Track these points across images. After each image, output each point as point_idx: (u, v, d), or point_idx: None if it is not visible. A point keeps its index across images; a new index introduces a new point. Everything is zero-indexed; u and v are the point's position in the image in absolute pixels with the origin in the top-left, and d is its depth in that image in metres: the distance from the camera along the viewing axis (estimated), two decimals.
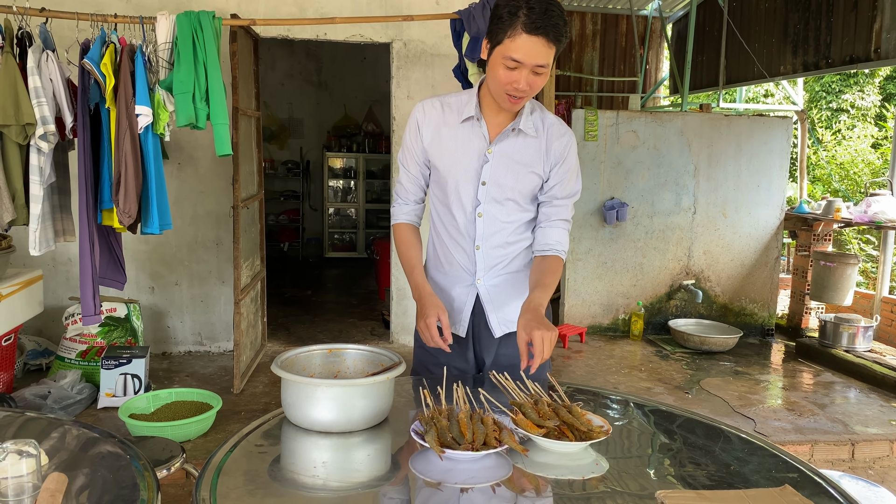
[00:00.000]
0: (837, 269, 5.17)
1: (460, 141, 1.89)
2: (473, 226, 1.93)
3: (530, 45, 1.65)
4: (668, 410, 1.81)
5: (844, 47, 5.53)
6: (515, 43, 1.66)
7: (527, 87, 1.72)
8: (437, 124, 1.91)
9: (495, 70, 1.74)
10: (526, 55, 1.66)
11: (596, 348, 5.22)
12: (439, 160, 1.92)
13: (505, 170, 1.88)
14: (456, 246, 1.97)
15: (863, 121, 10.64)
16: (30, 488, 1.21)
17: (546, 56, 1.67)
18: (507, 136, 1.87)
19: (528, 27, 1.64)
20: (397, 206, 2.04)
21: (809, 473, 1.42)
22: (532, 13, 1.63)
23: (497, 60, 1.72)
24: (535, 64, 1.68)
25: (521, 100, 1.77)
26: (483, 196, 1.90)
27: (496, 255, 1.96)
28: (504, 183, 1.89)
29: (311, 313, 5.97)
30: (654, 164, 5.44)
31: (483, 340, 2.02)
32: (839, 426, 3.80)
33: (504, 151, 1.88)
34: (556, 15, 1.65)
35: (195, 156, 4.62)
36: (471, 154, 1.88)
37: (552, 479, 1.38)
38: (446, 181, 1.92)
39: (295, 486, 1.38)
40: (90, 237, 3.28)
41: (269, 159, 8.54)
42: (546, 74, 1.73)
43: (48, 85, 3.16)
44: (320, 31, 4.58)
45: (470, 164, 1.89)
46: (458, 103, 1.91)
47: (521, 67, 1.69)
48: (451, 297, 2.01)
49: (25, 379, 4.03)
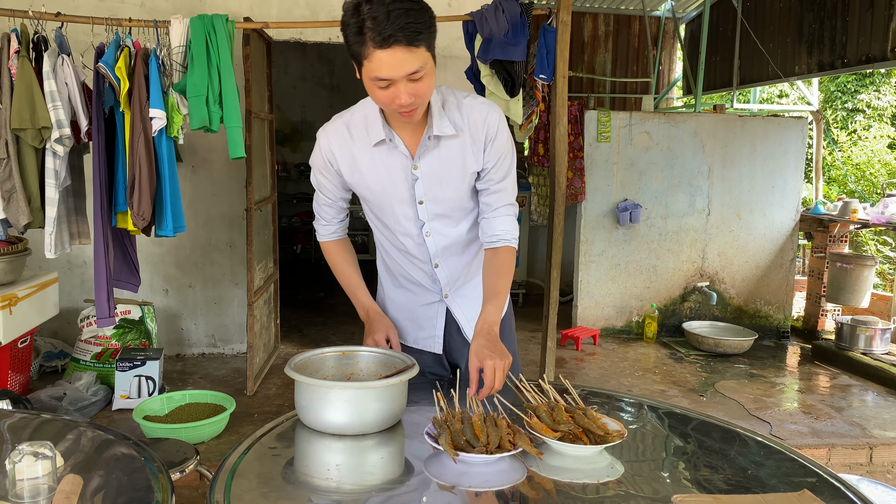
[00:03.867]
0: (854, 271, 5.11)
1: (380, 165, 1.71)
2: (425, 247, 1.80)
3: (389, 59, 1.45)
4: (682, 413, 1.79)
5: (860, 47, 5.47)
6: (373, 62, 1.46)
7: (412, 99, 1.52)
8: (350, 152, 1.72)
9: (372, 92, 1.55)
10: (390, 70, 1.47)
11: (609, 351, 5.19)
12: (365, 189, 1.75)
13: (438, 182, 1.72)
14: (413, 266, 1.86)
15: (879, 121, 10.53)
16: (45, 490, 1.21)
17: (412, 62, 1.46)
18: (426, 147, 1.68)
19: (376, 41, 1.43)
20: (321, 225, 1.90)
21: (828, 478, 1.40)
22: (376, 23, 1.42)
23: (368, 83, 1.53)
24: (405, 74, 1.48)
25: (414, 111, 1.57)
26: (424, 215, 1.76)
27: (457, 268, 1.86)
28: (442, 195, 1.74)
29: (323, 315, 5.99)
30: (668, 165, 5.41)
31: (455, 350, 1.95)
32: (857, 430, 3.75)
33: (430, 164, 1.70)
34: (404, 11, 1.42)
35: (209, 159, 4.64)
36: (396, 176, 1.71)
37: (567, 483, 1.37)
38: (381, 208, 1.78)
39: (308, 488, 1.38)
40: (105, 240, 3.31)
41: (281, 162, 8.57)
42: (429, 75, 1.52)
43: (63, 89, 3.19)
44: (333, 34, 4.59)
45: (400, 187, 1.72)
46: (363, 122, 1.70)
47: (394, 83, 1.49)
48: (417, 316, 1.92)
49: (41, 381, 4.06)
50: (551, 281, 3.83)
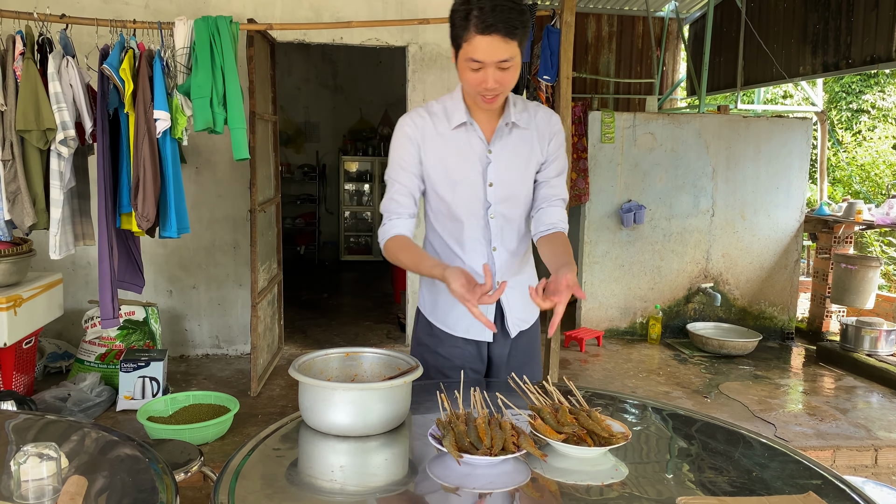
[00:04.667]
0: (859, 272, 5.10)
1: (458, 147, 1.88)
2: (488, 228, 1.92)
3: (486, 44, 1.67)
4: (686, 415, 1.79)
5: (865, 47, 5.46)
6: (472, 45, 1.68)
7: (496, 85, 1.73)
8: (430, 135, 1.89)
9: (463, 74, 1.77)
10: (484, 54, 1.68)
11: (613, 352, 5.18)
12: (441, 170, 1.89)
13: (508, 166, 1.90)
14: (470, 251, 1.93)
15: (884, 121, 10.49)
16: (50, 491, 1.21)
17: (505, 51, 1.68)
18: (502, 132, 1.89)
19: (479, 27, 1.66)
20: (389, 223, 1.90)
21: (833, 480, 1.40)
22: (482, 13, 1.65)
23: (462, 65, 1.75)
24: (497, 60, 1.69)
25: (496, 98, 1.78)
26: (493, 197, 1.90)
27: (512, 254, 1.97)
28: (510, 179, 1.90)
29: (327, 316, 5.99)
30: (672, 166, 5.40)
31: (497, 345, 2.02)
32: (862, 431, 3.74)
33: (503, 148, 1.89)
34: (507, 8, 1.65)
35: (213, 160, 4.65)
36: (472, 158, 1.88)
37: (571, 485, 1.36)
38: (453, 189, 1.89)
39: (312, 489, 1.38)
40: (109, 241, 3.31)
41: (285, 163, 8.58)
42: (514, 68, 1.73)
43: (68, 90, 3.20)
44: (336, 36, 4.60)
45: (473, 168, 1.88)
46: (443, 110, 1.89)
47: (485, 67, 1.70)
48: None
49: (46, 381, 4.07)
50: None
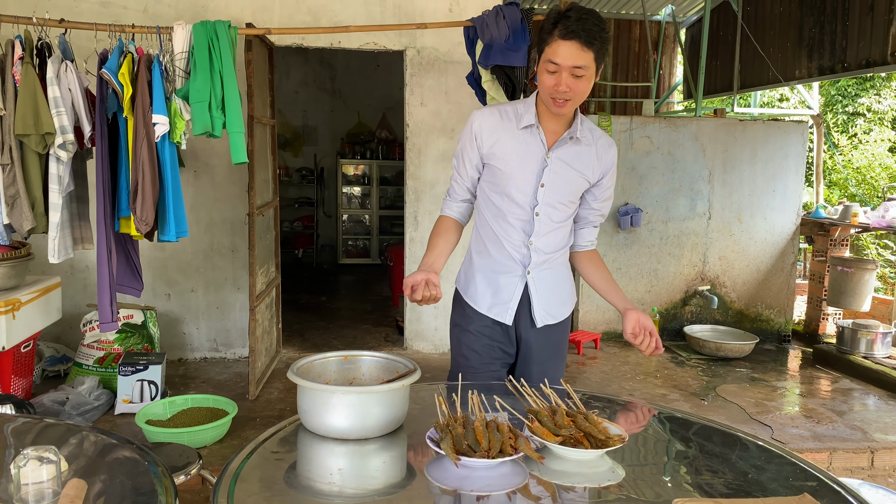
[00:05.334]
0: (855, 275, 5.11)
1: (520, 145, 2.04)
2: (531, 223, 2.08)
3: (565, 49, 1.84)
4: (683, 417, 1.80)
5: (860, 51, 5.48)
6: (552, 48, 1.86)
7: (567, 89, 1.88)
8: (497, 130, 2.06)
9: (541, 76, 1.93)
10: (563, 58, 1.85)
11: (611, 354, 5.19)
12: (501, 162, 2.06)
13: (561, 174, 2.05)
14: (509, 239, 2.11)
15: (880, 125, 10.52)
16: (50, 494, 1.22)
17: (581, 58, 1.84)
18: (564, 143, 2.04)
19: (562, 33, 1.83)
20: (445, 202, 2.21)
21: (828, 482, 1.41)
22: (567, 21, 1.83)
23: (542, 67, 1.92)
24: (572, 66, 1.85)
25: (566, 103, 1.92)
26: (541, 197, 2.06)
27: (547, 251, 2.12)
28: (560, 186, 2.06)
29: (325, 319, 5.99)
30: (669, 169, 5.42)
31: (523, 328, 2.17)
32: (858, 433, 3.75)
33: (561, 157, 2.05)
34: (592, 22, 1.83)
35: (211, 164, 4.66)
36: (531, 158, 2.04)
37: (568, 487, 1.37)
38: (507, 182, 2.06)
39: (311, 492, 1.39)
40: (108, 245, 3.32)
41: (283, 166, 8.58)
42: (588, 77, 1.89)
43: (67, 95, 3.21)
44: (334, 40, 4.61)
45: (531, 167, 2.04)
46: (515, 112, 2.07)
47: (560, 70, 1.86)
48: (498, 285, 2.14)
49: (44, 385, 4.07)
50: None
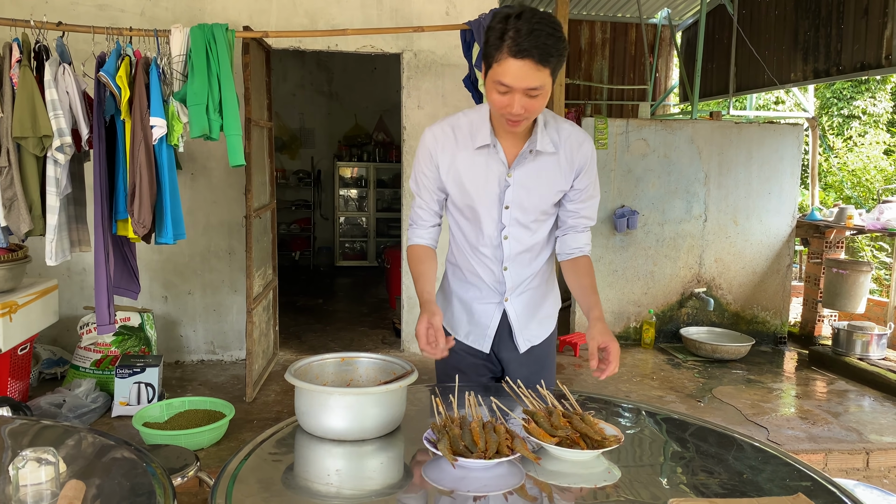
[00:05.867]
0: (850, 277, 5.13)
1: (479, 167, 1.84)
2: (500, 249, 1.92)
3: (517, 69, 1.58)
4: (680, 419, 1.81)
5: (855, 54, 5.51)
6: (503, 67, 1.60)
7: (521, 111, 1.65)
8: (452, 152, 1.85)
9: (489, 94, 1.69)
10: (514, 79, 1.60)
11: None
12: (459, 187, 1.87)
13: (527, 192, 1.85)
14: (482, 266, 1.95)
15: (875, 127, 10.57)
16: (48, 496, 1.22)
17: (536, 79, 1.59)
18: (525, 158, 1.82)
19: (513, 51, 1.56)
20: (412, 230, 1.99)
21: (823, 482, 1.42)
22: (518, 35, 1.55)
23: (490, 84, 1.67)
24: (526, 87, 1.61)
25: (520, 123, 1.71)
26: (507, 219, 1.88)
27: (524, 274, 1.96)
28: (527, 205, 1.86)
29: (322, 322, 6.00)
30: (665, 171, 5.44)
31: (504, 350, 2.04)
32: (853, 435, 3.77)
33: (524, 174, 1.84)
34: (545, 34, 1.56)
35: (208, 166, 4.66)
36: (491, 180, 1.84)
37: (564, 487, 1.38)
38: (468, 207, 1.89)
39: (309, 493, 1.39)
40: (105, 247, 3.32)
41: (280, 169, 8.59)
42: (543, 96, 1.65)
43: (65, 97, 3.21)
44: (331, 43, 4.62)
45: (491, 190, 1.85)
46: (469, 126, 1.84)
47: (512, 91, 1.62)
48: (475, 314, 2.01)
49: (41, 388, 4.06)
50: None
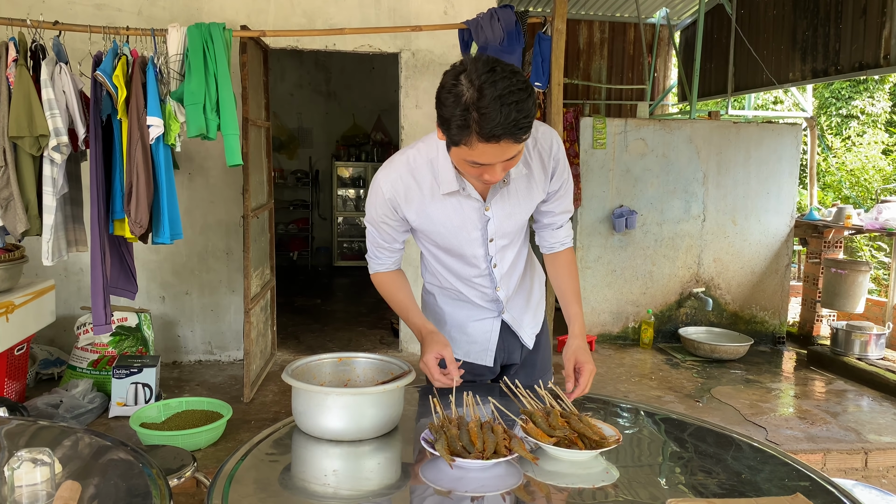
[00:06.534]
0: (849, 277, 5.13)
1: (453, 212, 1.72)
2: (491, 276, 1.86)
3: (492, 150, 1.44)
4: (678, 419, 1.80)
5: (853, 54, 5.51)
6: (475, 150, 1.45)
7: (503, 174, 1.55)
8: (419, 201, 1.71)
9: (461, 165, 1.55)
10: (491, 158, 1.47)
11: (606, 357, 5.20)
12: (435, 234, 1.78)
13: (508, 216, 1.77)
14: (473, 291, 1.91)
15: (873, 127, 10.58)
16: (44, 496, 1.22)
17: (514, 149, 1.46)
18: (496, 188, 1.71)
19: (484, 137, 1.40)
20: (373, 260, 1.89)
21: (822, 482, 1.41)
22: (485, 120, 1.38)
23: (458, 157, 1.52)
24: (505, 160, 1.49)
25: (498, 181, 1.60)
26: (494, 250, 1.82)
27: (513, 285, 1.94)
28: (509, 228, 1.80)
29: (320, 322, 5.99)
30: (663, 171, 5.44)
31: (512, 352, 2.02)
32: (852, 435, 3.77)
33: (501, 203, 1.74)
34: (516, 108, 1.38)
35: (205, 166, 4.65)
36: (468, 220, 1.74)
37: (562, 488, 1.38)
38: (449, 248, 1.81)
39: (306, 494, 1.38)
40: (102, 247, 3.31)
41: (278, 169, 8.58)
42: (521, 154, 1.54)
43: (61, 97, 3.20)
44: (329, 42, 4.61)
45: (471, 228, 1.76)
46: (429, 168, 1.68)
47: (490, 166, 1.50)
48: (470, 330, 1.96)
49: (38, 388, 4.05)
50: (547, 287, 3.83)
